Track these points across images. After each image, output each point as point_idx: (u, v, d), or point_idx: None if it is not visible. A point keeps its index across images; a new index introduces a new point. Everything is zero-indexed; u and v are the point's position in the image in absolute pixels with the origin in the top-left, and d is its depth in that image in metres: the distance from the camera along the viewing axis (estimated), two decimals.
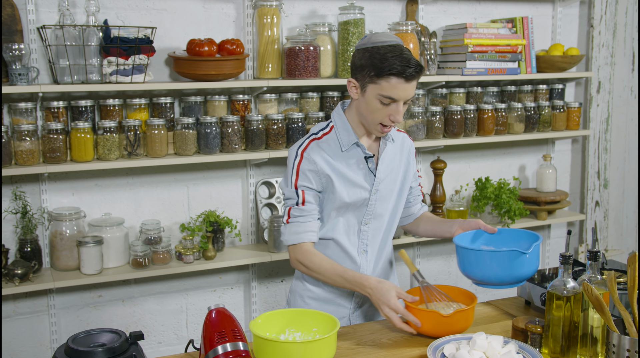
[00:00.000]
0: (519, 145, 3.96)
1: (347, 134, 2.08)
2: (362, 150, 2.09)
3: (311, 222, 2.08)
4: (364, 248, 2.16)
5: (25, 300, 3.00)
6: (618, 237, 4.29)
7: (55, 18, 2.86)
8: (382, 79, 1.94)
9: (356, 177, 2.09)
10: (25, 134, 2.75)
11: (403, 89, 1.95)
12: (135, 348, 1.66)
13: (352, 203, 2.10)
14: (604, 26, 3.99)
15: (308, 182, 2.07)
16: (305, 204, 2.07)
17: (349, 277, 2.01)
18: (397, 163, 2.18)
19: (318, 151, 2.08)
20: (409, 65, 1.93)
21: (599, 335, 1.81)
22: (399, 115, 1.99)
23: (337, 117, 2.12)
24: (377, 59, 1.94)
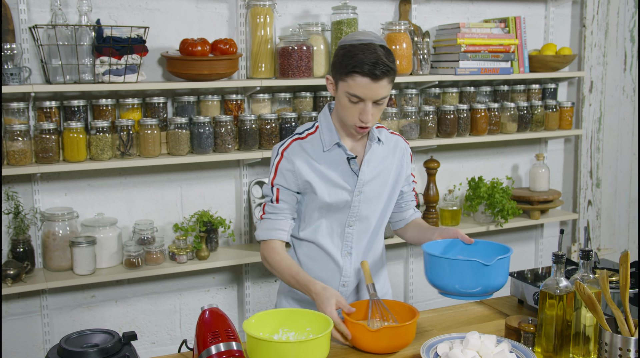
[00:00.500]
0: (512, 145, 3.97)
1: (330, 134, 2.07)
2: (343, 150, 2.06)
3: (282, 221, 2.08)
4: (348, 250, 2.14)
5: (17, 300, 2.99)
6: (610, 236, 4.31)
7: (47, 18, 2.85)
8: (349, 77, 1.92)
9: (337, 178, 2.07)
10: (18, 134, 2.74)
11: (370, 88, 1.92)
12: (128, 348, 1.66)
13: (334, 204, 2.07)
14: (596, 26, 4.01)
15: (284, 182, 2.06)
16: (279, 202, 2.07)
17: (300, 279, 1.98)
18: (387, 165, 2.14)
19: (299, 152, 2.07)
20: (376, 64, 1.90)
21: (591, 334, 1.82)
22: (367, 115, 1.96)
23: (323, 117, 2.11)
24: (347, 57, 1.93)
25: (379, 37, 1.99)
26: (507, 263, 1.91)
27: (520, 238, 4.10)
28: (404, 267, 3.79)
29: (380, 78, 1.91)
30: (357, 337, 1.85)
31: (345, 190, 2.07)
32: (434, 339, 1.84)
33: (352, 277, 2.16)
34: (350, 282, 2.16)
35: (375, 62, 1.90)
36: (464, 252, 2.03)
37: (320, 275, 2.14)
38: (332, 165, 2.07)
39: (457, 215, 3.60)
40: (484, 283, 1.86)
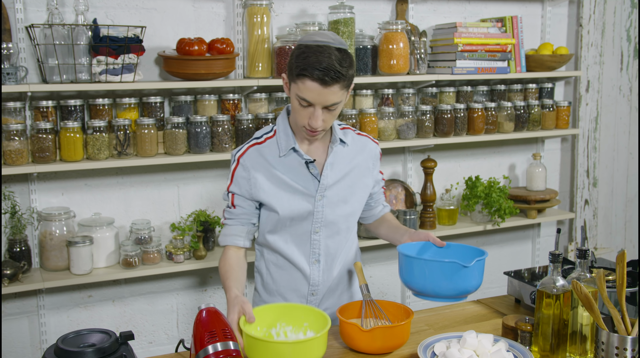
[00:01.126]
0: (509, 144, 3.97)
1: (286, 139, 2.00)
2: (299, 155, 2.00)
3: (238, 226, 2.05)
4: (315, 258, 2.08)
5: (14, 300, 2.98)
6: (607, 235, 4.32)
7: (44, 17, 2.85)
8: (299, 79, 1.85)
9: (296, 184, 2.00)
10: (14, 133, 2.73)
11: (319, 93, 1.84)
12: (125, 348, 1.66)
13: (296, 216, 2.02)
14: (592, 25, 4.01)
15: (238, 189, 2.02)
16: (235, 208, 2.04)
17: (226, 285, 1.95)
18: (354, 167, 2.08)
19: (256, 158, 2.01)
20: (327, 69, 1.81)
21: (588, 333, 1.82)
22: (316, 120, 1.88)
23: (281, 120, 2.05)
24: (300, 58, 1.85)
25: (338, 40, 1.90)
26: (483, 266, 1.91)
27: (517, 238, 4.11)
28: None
29: (330, 84, 1.83)
30: (351, 337, 1.85)
31: (305, 195, 2.01)
32: (431, 338, 1.84)
33: (320, 285, 2.10)
34: (319, 290, 2.11)
35: (326, 68, 1.81)
36: (437, 255, 2.02)
37: (288, 284, 2.11)
38: (290, 171, 2.01)
39: (454, 214, 3.60)
40: (461, 285, 1.85)
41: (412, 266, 1.89)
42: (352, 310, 1.97)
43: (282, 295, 2.13)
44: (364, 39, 3.31)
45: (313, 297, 2.12)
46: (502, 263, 4.03)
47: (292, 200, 2.01)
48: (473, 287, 1.88)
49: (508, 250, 4.09)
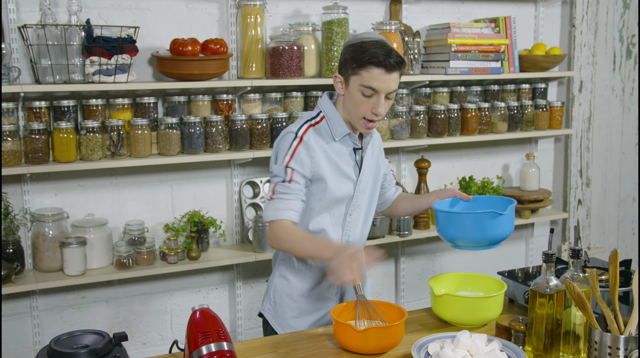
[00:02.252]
0: (502, 144, 3.98)
1: (340, 124, 2.11)
2: (353, 141, 2.13)
3: (294, 201, 2.06)
4: (347, 238, 2.20)
5: (7, 301, 2.97)
6: (600, 235, 4.33)
7: (37, 17, 2.84)
8: (363, 69, 1.98)
9: (346, 168, 2.12)
10: (7, 134, 2.72)
11: (383, 79, 1.98)
12: (119, 349, 1.65)
13: (341, 198, 2.13)
14: (585, 26, 4.03)
15: (300, 166, 2.06)
16: (291, 183, 2.06)
17: (318, 240, 2.05)
18: (369, 155, 2.23)
19: (315, 137, 2.09)
20: (389, 55, 1.97)
21: (581, 333, 1.83)
22: (381, 107, 2.01)
23: (327, 107, 2.14)
24: (359, 52, 1.99)
25: (383, 37, 2.08)
26: (514, 213, 2.08)
27: (510, 238, 4.12)
28: (394, 266, 3.79)
29: (394, 68, 1.99)
30: (344, 337, 1.85)
31: (350, 180, 2.14)
32: (425, 338, 1.85)
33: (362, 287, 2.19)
34: None
35: (388, 53, 1.97)
36: (468, 208, 2.18)
37: (322, 265, 2.17)
38: (340, 154, 2.12)
39: None
40: (497, 232, 2.01)
41: (451, 220, 2.04)
42: (346, 311, 1.97)
43: (314, 277, 2.20)
44: None
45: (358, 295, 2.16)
46: (496, 263, 4.04)
47: (340, 182, 2.11)
48: (508, 233, 2.05)
49: (501, 250, 4.10)
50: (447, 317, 2.08)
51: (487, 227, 2.00)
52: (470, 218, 2.02)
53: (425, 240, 3.81)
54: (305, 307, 2.22)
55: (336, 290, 2.23)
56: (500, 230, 2.02)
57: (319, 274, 2.20)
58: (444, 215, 2.08)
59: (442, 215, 2.08)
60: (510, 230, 2.06)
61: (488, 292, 2.15)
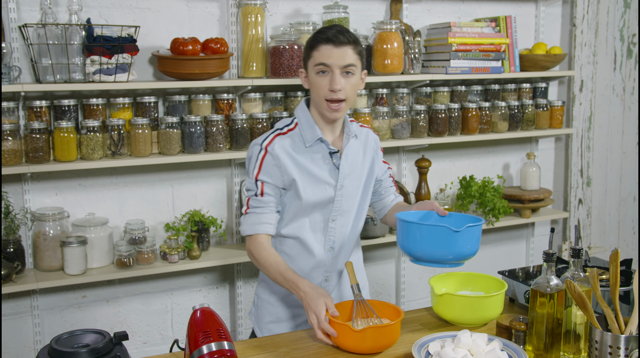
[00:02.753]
0: (503, 144, 3.98)
1: (311, 130, 2.10)
2: (326, 145, 2.11)
3: (268, 214, 2.08)
4: (330, 244, 2.17)
5: (8, 301, 2.97)
6: (601, 235, 4.33)
7: (37, 17, 2.84)
8: (314, 50, 2.02)
9: (321, 173, 2.10)
10: (7, 133, 2.72)
11: (333, 53, 1.99)
12: (119, 348, 1.65)
13: (319, 203, 2.11)
14: (586, 25, 4.02)
15: (268, 177, 2.08)
16: (263, 196, 2.08)
17: (288, 276, 1.99)
18: (361, 159, 2.19)
19: (282, 147, 2.08)
20: (338, 32, 2.00)
21: (582, 332, 1.83)
22: (336, 83, 2.00)
23: (301, 112, 2.14)
24: (311, 38, 2.05)
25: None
26: (477, 232, 1.96)
27: (511, 237, 4.12)
28: (395, 266, 3.79)
29: (343, 43, 1.99)
30: (341, 337, 1.85)
31: (328, 185, 2.11)
32: (426, 338, 1.85)
33: (334, 271, 2.19)
34: (332, 276, 2.20)
35: (337, 31, 2.00)
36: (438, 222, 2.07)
37: (303, 271, 2.15)
38: (315, 160, 2.10)
39: None
40: (454, 250, 1.91)
41: (406, 230, 1.96)
42: (342, 310, 1.96)
43: None
44: None
45: (327, 283, 2.19)
46: (496, 263, 4.04)
47: (316, 188, 2.09)
48: (466, 253, 1.93)
49: (502, 249, 4.10)
50: (447, 316, 2.08)
51: (443, 242, 1.91)
52: (424, 230, 1.94)
53: None
54: (283, 312, 2.22)
55: None
56: (457, 248, 1.92)
57: None
58: (401, 225, 1.99)
59: (400, 224, 2.00)
60: (470, 250, 1.94)
61: (489, 291, 2.15)
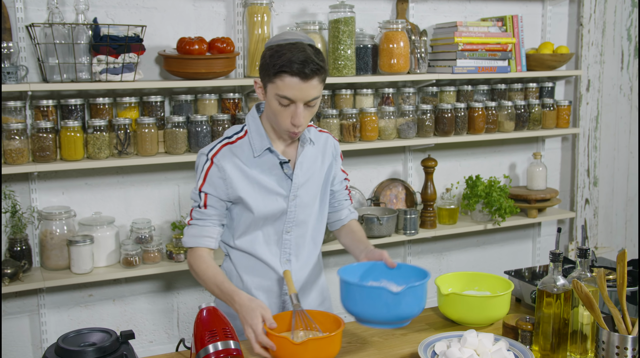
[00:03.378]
0: (509, 144, 3.97)
1: (260, 139, 1.99)
2: (275, 155, 1.99)
3: (210, 227, 2.00)
4: (287, 257, 2.08)
5: (15, 299, 2.99)
6: (607, 235, 4.32)
7: (44, 16, 2.85)
8: (277, 78, 1.84)
9: (271, 184, 2.00)
10: (15, 132, 2.73)
11: (299, 89, 1.84)
12: (126, 347, 1.66)
13: (270, 215, 2.01)
14: (593, 24, 4.01)
15: (213, 189, 1.98)
16: (207, 208, 1.99)
17: (224, 288, 1.90)
18: (318, 166, 2.08)
19: (230, 157, 1.98)
20: (305, 63, 1.81)
21: (588, 332, 1.82)
22: (298, 118, 1.87)
23: (251, 120, 2.03)
24: (275, 57, 1.84)
25: (306, 37, 1.92)
26: (420, 291, 1.82)
27: (517, 237, 4.11)
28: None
29: (310, 77, 1.83)
30: (280, 350, 1.75)
31: (280, 196, 2.01)
32: (432, 337, 1.85)
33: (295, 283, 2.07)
34: None
35: (304, 61, 1.82)
36: (385, 276, 1.98)
37: (260, 286, 2.08)
38: (265, 171, 2.00)
39: (455, 213, 3.60)
40: (395, 312, 1.78)
41: (345, 290, 1.86)
42: (280, 322, 1.87)
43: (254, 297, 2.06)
44: (364, 38, 3.31)
45: (287, 296, 2.10)
46: (503, 263, 4.03)
47: (267, 200, 2.00)
48: (408, 315, 1.81)
49: (508, 249, 4.09)
50: (453, 316, 2.07)
51: (383, 304, 1.78)
52: (364, 291, 1.81)
53: (431, 239, 3.80)
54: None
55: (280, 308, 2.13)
56: (399, 310, 1.79)
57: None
58: (341, 284, 1.87)
59: (340, 283, 1.87)
60: (412, 312, 1.81)
61: (495, 291, 2.14)
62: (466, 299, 2.04)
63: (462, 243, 3.94)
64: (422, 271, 1.92)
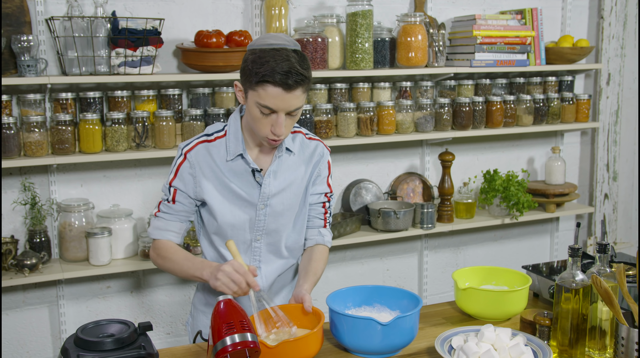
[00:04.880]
0: (528, 138, 3.94)
1: (236, 143, 1.92)
2: (246, 162, 1.93)
3: (175, 223, 1.97)
4: (256, 265, 2.01)
5: (34, 290, 3.02)
6: (627, 230, 4.28)
7: (64, 9, 2.86)
8: (259, 86, 1.76)
9: (240, 190, 1.94)
10: (34, 125, 2.75)
11: (282, 99, 1.77)
12: (144, 338, 1.66)
13: (237, 224, 1.96)
14: (614, 17, 3.96)
15: (182, 185, 1.94)
16: (175, 203, 1.95)
17: (195, 260, 1.87)
18: (300, 174, 1.99)
19: (204, 155, 1.93)
20: (289, 74, 1.74)
21: (607, 328, 1.81)
22: (279, 127, 1.80)
23: (233, 121, 1.95)
24: (257, 64, 1.76)
25: (291, 41, 1.83)
26: (410, 321, 1.79)
27: (535, 232, 4.08)
28: (418, 259, 3.78)
29: (293, 88, 1.76)
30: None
31: (248, 203, 1.95)
32: (449, 332, 1.84)
33: (265, 290, 2.03)
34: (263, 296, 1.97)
35: (287, 71, 1.74)
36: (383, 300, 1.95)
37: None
38: (237, 175, 1.94)
39: (472, 208, 3.58)
40: (383, 343, 1.76)
41: (333, 319, 1.83)
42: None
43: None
44: (382, 32, 3.29)
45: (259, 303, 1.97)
46: (520, 257, 4.01)
47: (233, 208, 1.95)
48: (398, 345, 1.79)
49: (526, 244, 4.06)
50: (471, 310, 2.06)
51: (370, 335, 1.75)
52: (350, 322, 1.77)
53: (448, 234, 3.79)
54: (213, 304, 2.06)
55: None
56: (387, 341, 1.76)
57: None
58: (330, 313, 1.83)
59: (329, 312, 1.83)
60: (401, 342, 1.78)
61: (512, 286, 2.13)
62: (483, 294, 2.03)
63: (479, 237, 3.92)
64: (415, 297, 1.89)
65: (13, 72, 2.78)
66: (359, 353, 1.82)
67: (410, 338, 1.80)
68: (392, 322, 1.74)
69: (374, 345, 1.77)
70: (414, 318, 1.80)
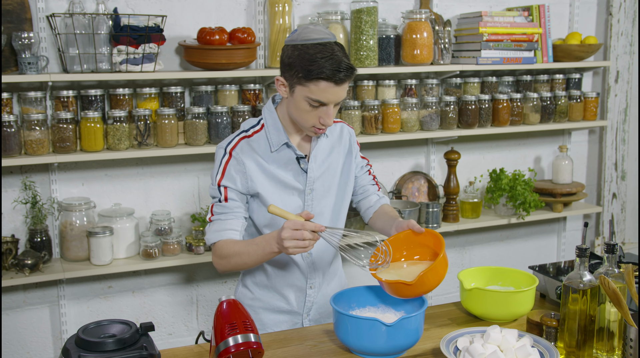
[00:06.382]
0: (535, 136, 3.90)
1: (278, 134, 1.99)
2: (292, 151, 2.00)
3: (233, 220, 1.97)
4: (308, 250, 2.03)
5: (35, 290, 3.00)
6: (635, 230, 4.23)
7: (65, 6, 2.84)
8: (310, 82, 1.85)
9: (288, 178, 2.00)
10: (35, 123, 2.73)
11: (333, 92, 1.87)
12: (145, 339, 1.65)
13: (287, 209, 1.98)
14: (623, 14, 3.92)
15: (232, 183, 1.97)
16: (228, 201, 1.97)
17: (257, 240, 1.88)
18: (335, 156, 2.09)
19: (248, 151, 1.98)
20: (339, 68, 1.83)
21: (615, 330, 1.78)
22: (329, 118, 1.90)
23: (268, 114, 2.02)
24: (305, 60, 1.84)
25: (331, 33, 1.90)
26: (416, 322, 1.77)
27: (542, 232, 4.04)
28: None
29: (344, 81, 1.87)
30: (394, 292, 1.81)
31: (296, 190, 2.02)
32: (454, 333, 1.81)
33: (317, 277, 2.11)
34: (316, 282, 2.11)
35: (338, 67, 1.84)
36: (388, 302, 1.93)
37: (285, 280, 2.08)
38: (282, 165, 2.00)
39: (478, 207, 3.55)
40: (388, 344, 1.74)
41: (337, 319, 1.82)
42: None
43: (278, 291, 2.10)
44: (387, 29, 3.26)
45: (312, 290, 2.11)
46: (527, 258, 3.97)
47: (283, 195, 2.00)
48: (403, 346, 1.77)
49: (533, 244, 4.03)
50: (477, 311, 2.03)
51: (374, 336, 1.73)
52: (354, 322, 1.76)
53: (454, 233, 3.75)
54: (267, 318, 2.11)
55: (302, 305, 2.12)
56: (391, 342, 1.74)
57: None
58: (333, 313, 1.83)
59: (333, 312, 1.83)
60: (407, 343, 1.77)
61: (519, 286, 2.10)
62: (489, 294, 1.99)
63: (485, 237, 3.88)
64: (420, 297, 1.87)
65: (14, 70, 2.76)
66: (364, 355, 1.80)
67: (415, 339, 1.79)
68: (397, 322, 1.72)
69: (379, 346, 1.75)
70: (419, 319, 1.78)
